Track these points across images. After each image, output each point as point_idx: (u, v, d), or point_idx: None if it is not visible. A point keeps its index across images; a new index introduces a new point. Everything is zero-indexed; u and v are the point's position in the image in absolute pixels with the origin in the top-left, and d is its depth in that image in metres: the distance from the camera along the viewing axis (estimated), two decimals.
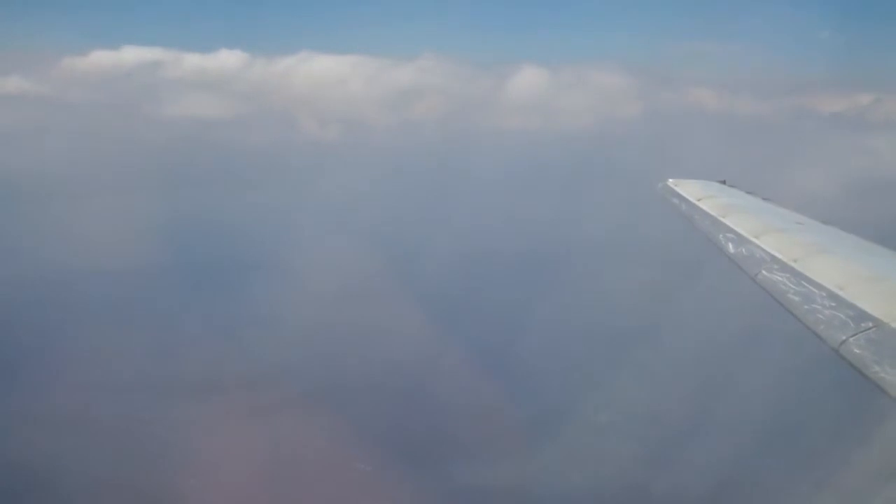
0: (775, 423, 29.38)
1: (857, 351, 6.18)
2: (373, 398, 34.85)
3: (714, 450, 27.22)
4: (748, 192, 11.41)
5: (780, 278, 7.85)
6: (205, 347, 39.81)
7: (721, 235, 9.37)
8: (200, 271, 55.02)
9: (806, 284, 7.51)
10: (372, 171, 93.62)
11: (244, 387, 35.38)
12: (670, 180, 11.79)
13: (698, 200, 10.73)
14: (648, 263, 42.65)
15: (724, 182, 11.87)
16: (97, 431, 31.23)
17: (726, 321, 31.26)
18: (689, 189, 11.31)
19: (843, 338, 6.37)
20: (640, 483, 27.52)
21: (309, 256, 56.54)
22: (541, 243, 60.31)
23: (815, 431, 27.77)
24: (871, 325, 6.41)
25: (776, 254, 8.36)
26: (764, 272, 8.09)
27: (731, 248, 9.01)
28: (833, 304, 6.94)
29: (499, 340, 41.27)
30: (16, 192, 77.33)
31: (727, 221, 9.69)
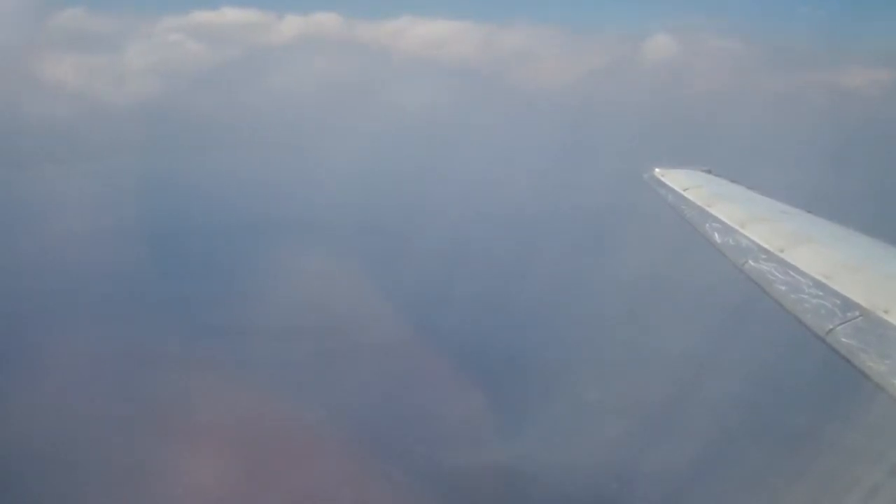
0: (762, 408, 29.64)
1: (843, 340, 6.23)
2: (357, 380, 34.47)
3: (700, 438, 27.39)
4: (733, 181, 11.42)
5: (766, 268, 7.88)
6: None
7: (707, 225, 9.39)
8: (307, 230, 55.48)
9: (792, 274, 7.54)
10: (484, 137, 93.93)
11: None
12: (657, 170, 11.75)
13: (684, 190, 10.72)
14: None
15: (709, 171, 11.86)
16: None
17: (716, 310, 31.39)
18: (674, 179, 11.30)
19: (830, 326, 6.42)
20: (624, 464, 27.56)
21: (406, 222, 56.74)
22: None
23: (802, 418, 28.04)
24: (857, 314, 6.46)
25: (762, 243, 8.39)
26: (751, 262, 8.12)
27: (717, 238, 9.03)
28: (819, 294, 6.99)
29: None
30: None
31: (713, 211, 9.70)
